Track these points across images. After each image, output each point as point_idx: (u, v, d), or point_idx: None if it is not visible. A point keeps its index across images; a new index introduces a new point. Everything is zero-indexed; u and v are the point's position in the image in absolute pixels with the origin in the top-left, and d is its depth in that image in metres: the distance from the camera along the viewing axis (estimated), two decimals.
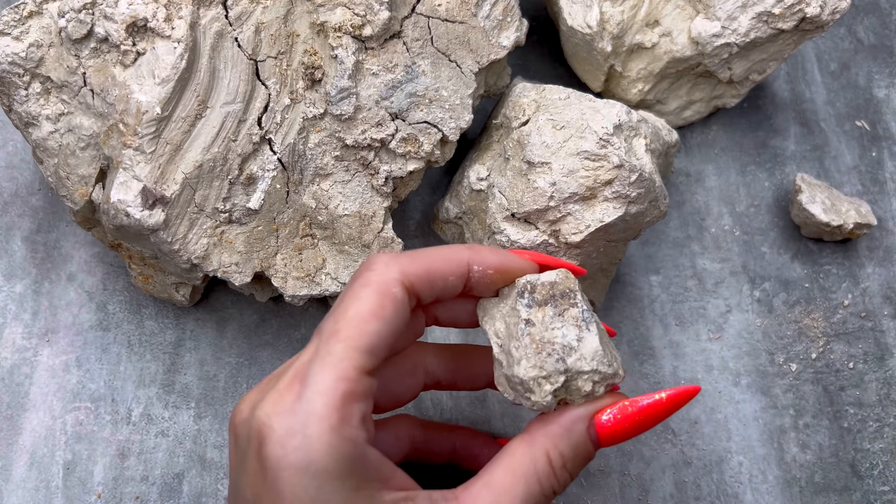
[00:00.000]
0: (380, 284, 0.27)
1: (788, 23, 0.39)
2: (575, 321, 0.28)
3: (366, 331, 0.26)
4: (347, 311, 0.27)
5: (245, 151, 0.34)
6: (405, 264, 0.28)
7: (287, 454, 0.25)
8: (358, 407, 0.26)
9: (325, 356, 0.26)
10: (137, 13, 0.32)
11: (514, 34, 0.37)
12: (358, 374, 0.26)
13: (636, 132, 0.36)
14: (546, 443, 0.28)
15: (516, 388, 0.28)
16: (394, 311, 0.27)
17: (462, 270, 0.29)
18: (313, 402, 0.25)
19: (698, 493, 0.37)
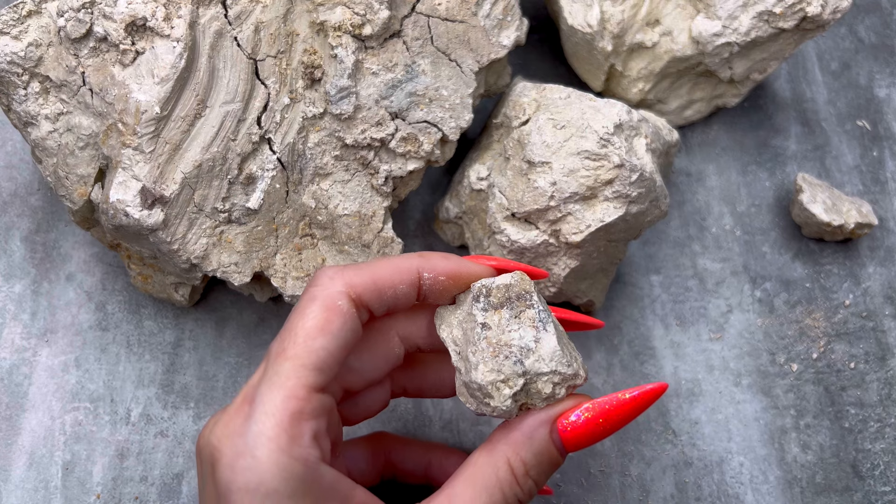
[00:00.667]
0: (325, 299, 0.27)
1: (789, 22, 0.39)
2: (532, 322, 0.28)
3: (313, 347, 0.26)
4: (294, 329, 0.26)
5: (244, 151, 0.34)
6: (350, 276, 0.28)
7: (236, 477, 0.25)
8: (308, 425, 0.25)
9: (273, 376, 0.26)
10: (136, 12, 0.32)
11: (515, 33, 0.37)
12: (307, 392, 0.25)
13: (637, 132, 0.36)
14: (507, 451, 0.28)
15: (475, 395, 0.28)
16: (341, 324, 0.27)
17: (412, 278, 0.28)
18: (261, 423, 0.25)
19: (699, 494, 0.37)
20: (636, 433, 0.38)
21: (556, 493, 0.37)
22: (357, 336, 0.27)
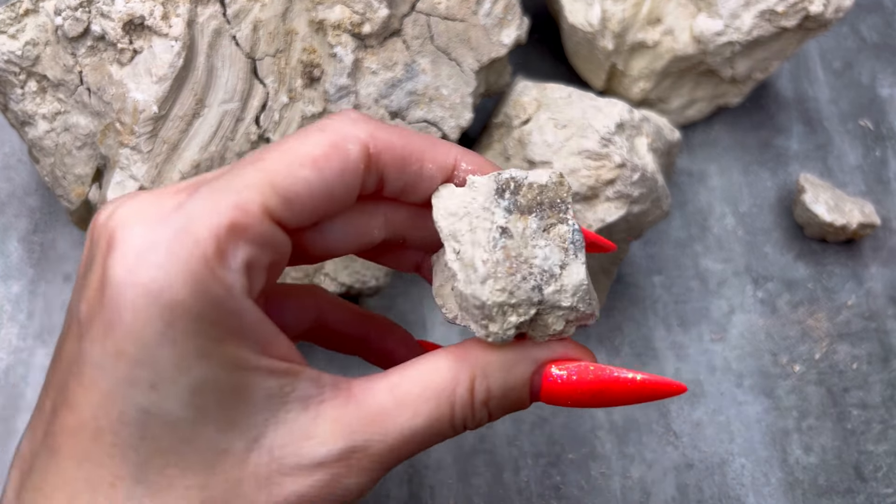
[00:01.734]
0: (335, 133, 0.22)
1: (791, 21, 0.39)
2: (562, 242, 0.23)
3: (294, 172, 0.21)
4: (284, 145, 0.22)
5: (243, 150, 0.34)
6: (377, 126, 0.23)
7: (138, 270, 0.19)
8: (245, 249, 0.20)
9: (232, 177, 0.21)
10: (134, 11, 0.32)
11: (515, 32, 0.37)
12: (260, 211, 0.20)
13: (638, 131, 0.36)
14: (477, 368, 0.23)
15: (470, 311, 0.23)
16: (339, 168, 0.22)
17: (446, 161, 0.23)
18: (193, 219, 0.20)
19: (700, 496, 0.37)
20: (637, 435, 0.38)
21: (556, 496, 0.37)
22: (348, 197, 0.23)
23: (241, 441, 0.21)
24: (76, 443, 0.20)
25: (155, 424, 0.20)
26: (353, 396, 0.22)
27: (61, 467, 0.20)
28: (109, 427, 0.20)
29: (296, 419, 0.21)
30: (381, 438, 0.22)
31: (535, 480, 0.37)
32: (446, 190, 0.24)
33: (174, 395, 0.20)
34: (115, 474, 0.20)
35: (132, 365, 0.19)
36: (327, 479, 0.21)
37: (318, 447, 0.21)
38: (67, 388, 0.20)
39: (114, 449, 0.20)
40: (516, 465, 0.37)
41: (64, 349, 0.21)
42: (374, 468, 0.22)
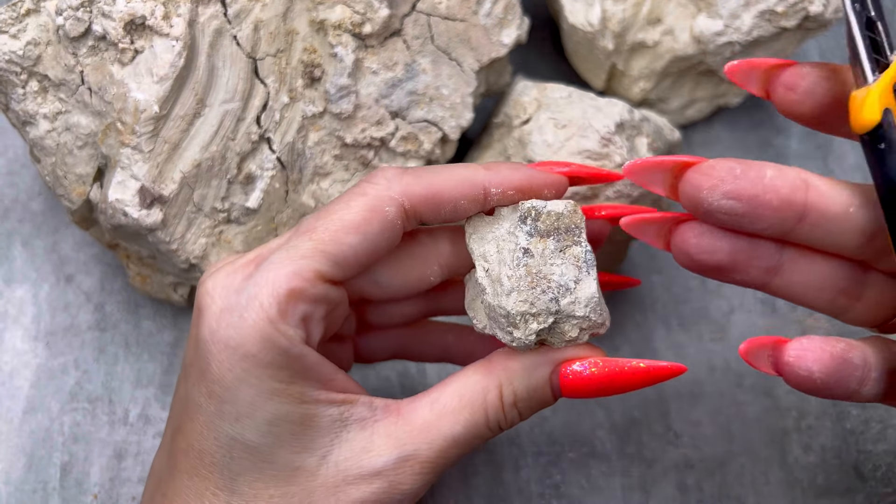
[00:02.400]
0: (374, 199, 0.26)
1: (791, 21, 0.39)
2: (576, 261, 0.26)
3: (341, 239, 0.25)
4: (331, 214, 0.26)
5: (244, 150, 0.34)
6: (409, 183, 0.26)
7: (219, 330, 0.25)
8: (303, 307, 0.25)
9: (290, 248, 0.25)
10: (135, 11, 0.32)
11: (516, 32, 0.37)
12: (314, 276, 0.25)
13: (638, 131, 0.36)
14: (503, 377, 0.27)
15: (497, 320, 0.26)
16: (379, 229, 0.26)
17: (476, 193, 0.27)
18: (259, 287, 0.25)
19: (700, 496, 0.37)
20: (637, 434, 0.38)
21: (556, 495, 0.37)
22: (391, 247, 0.27)
23: (311, 459, 0.26)
24: (187, 461, 0.26)
25: (241, 448, 0.25)
26: (401, 415, 0.27)
27: (178, 479, 0.26)
28: (207, 449, 0.25)
29: (355, 437, 0.26)
30: (428, 446, 0.26)
31: (535, 480, 0.37)
32: (477, 218, 0.28)
33: (253, 426, 0.25)
34: (216, 485, 0.25)
35: (220, 402, 0.25)
36: (385, 486, 0.26)
37: (375, 458, 0.26)
38: (180, 419, 0.26)
39: (212, 467, 0.25)
40: (516, 465, 0.37)
41: (178, 389, 0.27)
42: (424, 472, 0.26)
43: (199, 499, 0.26)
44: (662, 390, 0.39)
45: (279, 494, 0.25)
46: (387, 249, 0.27)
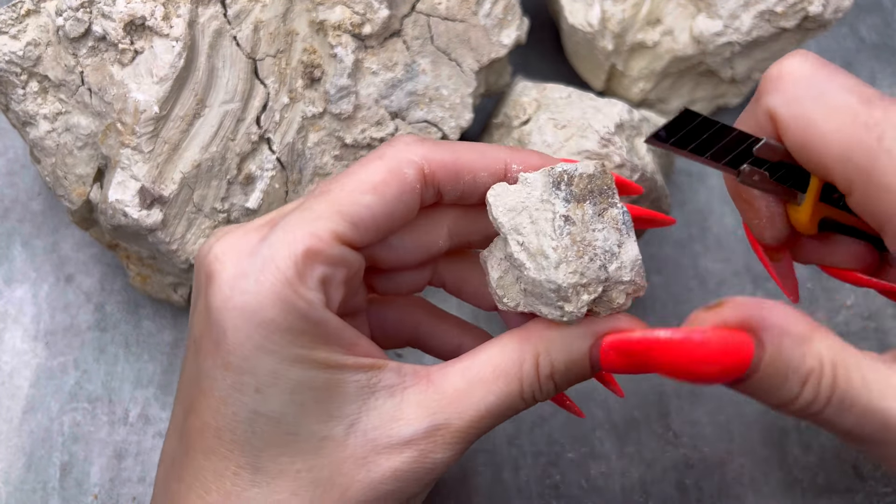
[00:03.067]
0: (393, 160, 0.25)
1: (791, 21, 0.39)
2: (615, 223, 0.25)
3: (357, 200, 0.24)
4: (348, 176, 0.25)
5: (243, 151, 0.34)
6: (429, 148, 0.25)
7: (234, 296, 0.23)
8: (321, 269, 0.24)
9: (305, 210, 0.24)
10: (135, 11, 0.32)
11: (515, 32, 0.37)
12: (331, 237, 0.24)
13: (638, 131, 0.36)
14: (540, 346, 0.25)
15: (543, 296, 0.25)
16: (397, 191, 0.25)
17: (497, 168, 0.26)
18: (275, 249, 0.23)
19: (700, 496, 0.37)
20: (636, 434, 0.38)
21: (555, 495, 0.37)
22: (409, 213, 0.26)
23: (339, 428, 0.24)
24: (202, 440, 0.24)
25: (263, 422, 0.24)
26: (431, 382, 0.25)
27: (193, 461, 0.24)
28: (226, 426, 0.24)
29: (384, 405, 0.25)
30: (459, 416, 0.25)
31: (534, 479, 0.37)
32: (500, 187, 0.26)
33: (276, 396, 0.23)
34: (237, 464, 0.24)
35: (238, 373, 0.23)
36: (416, 455, 0.25)
37: (405, 427, 0.25)
38: (191, 397, 0.25)
39: (232, 444, 0.24)
40: (516, 465, 0.37)
41: (185, 366, 0.26)
42: (456, 443, 0.25)
43: (219, 479, 0.24)
44: (662, 390, 0.39)
45: (306, 468, 0.24)
46: (405, 215, 0.25)
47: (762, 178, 0.26)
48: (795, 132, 0.24)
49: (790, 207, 0.27)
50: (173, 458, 0.26)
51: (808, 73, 0.24)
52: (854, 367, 0.23)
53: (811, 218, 0.26)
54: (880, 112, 0.23)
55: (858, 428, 0.23)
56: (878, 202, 0.23)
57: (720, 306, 0.23)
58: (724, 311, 0.23)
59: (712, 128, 0.25)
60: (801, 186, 0.26)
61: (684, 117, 0.25)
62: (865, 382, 0.23)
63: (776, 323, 0.23)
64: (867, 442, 0.24)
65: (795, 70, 0.24)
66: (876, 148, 0.22)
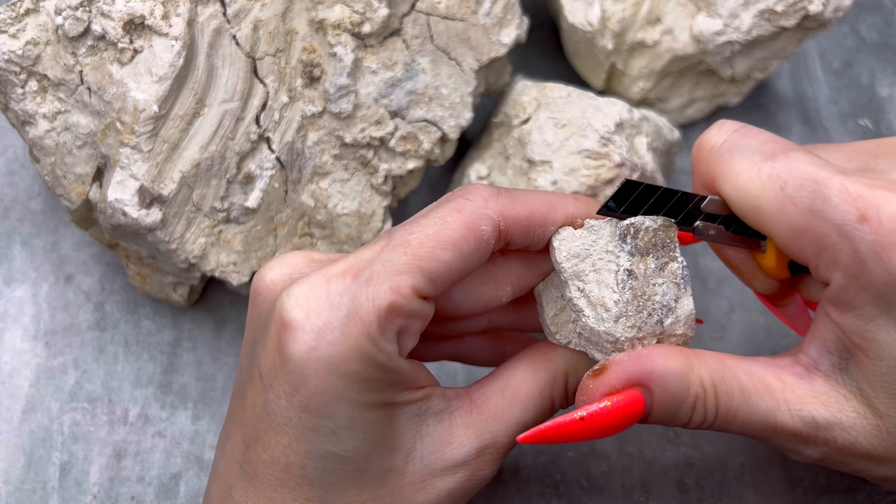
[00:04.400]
0: (472, 216, 0.26)
1: (791, 20, 0.39)
2: (674, 278, 0.26)
3: (437, 256, 0.25)
4: (427, 228, 0.25)
5: (243, 150, 0.34)
6: (506, 204, 0.26)
7: (319, 347, 0.24)
8: (400, 322, 0.25)
9: (388, 262, 0.25)
10: (135, 10, 0.32)
11: (515, 32, 0.37)
12: (411, 292, 0.25)
13: (638, 130, 0.36)
14: (570, 366, 0.28)
15: (598, 343, 0.26)
16: (475, 248, 0.26)
17: (564, 221, 0.27)
18: (360, 303, 0.24)
19: (701, 495, 0.37)
20: (637, 433, 0.38)
21: (555, 495, 0.37)
22: (480, 263, 0.27)
23: (399, 458, 0.26)
24: (271, 472, 0.25)
25: (335, 460, 0.25)
26: (474, 403, 0.27)
27: (259, 491, 0.26)
28: (298, 462, 0.25)
29: (435, 430, 0.27)
30: (504, 433, 0.27)
31: (534, 479, 0.37)
32: (566, 232, 0.27)
33: (350, 438, 0.25)
34: (306, 496, 0.25)
35: (316, 417, 0.25)
36: (469, 474, 0.27)
37: (457, 450, 0.27)
38: (259, 430, 0.26)
39: (301, 479, 0.25)
40: (516, 464, 0.37)
41: (248, 394, 0.27)
42: (500, 457, 0.28)
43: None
44: None
45: (370, 498, 0.26)
46: (476, 266, 0.26)
47: (718, 232, 0.27)
48: (721, 192, 0.27)
49: (757, 256, 0.28)
50: (231, 485, 0.27)
51: (721, 140, 0.27)
52: (731, 380, 0.26)
53: (777, 262, 0.27)
54: (781, 164, 0.25)
55: (746, 430, 0.26)
56: (794, 243, 0.25)
57: (604, 371, 0.26)
58: (610, 377, 0.26)
59: (657, 192, 0.26)
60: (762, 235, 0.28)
61: (627, 187, 0.26)
62: (743, 391, 0.26)
63: (656, 369, 0.25)
64: (758, 438, 0.27)
65: (711, 139, 0.27)
66: (781, 196, 0.25)
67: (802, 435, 0.26)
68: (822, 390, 0.26)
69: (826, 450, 0.26)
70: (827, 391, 0.26)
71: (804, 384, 0.26)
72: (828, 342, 0.26)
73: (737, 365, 0.26)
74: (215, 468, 0.28)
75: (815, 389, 0.26)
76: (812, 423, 0.25)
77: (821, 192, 0.24)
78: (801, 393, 0.26)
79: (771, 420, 0.26)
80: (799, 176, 0.25)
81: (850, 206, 0.24)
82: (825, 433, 0.25)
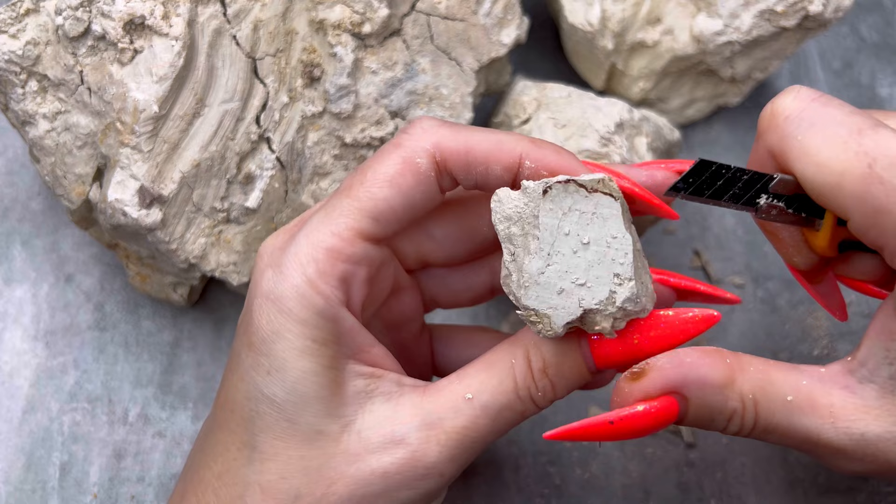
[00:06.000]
0: (407, 149, 0.26)
1: (791, 20, 0.39)
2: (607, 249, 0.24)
3: (375, 194, 0.25)
4: (366, 170, 0.26)
5: (243, 150, 0.34)
6: (443, 136, 0.26)
7: (262, 284, 0.25)
8: (342, 267, 0.25)
9: (328, 208, 0.26)
10: (135, 11, 0.32)
11: (515, 32, 0.37)
12: (352, 234, 0.25)
13: (638, 130, 0.36)
14: (529, 343, 0.26)
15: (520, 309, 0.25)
16: (413, 182, 0.25)
17: (511, 161, 0.26)
18: (299, 247, 0.25)
19: (701, 495, 0.37)
20: None
21: (555, 495, 0.37)
22: (432, 201, 0.26)
23: (334, 425, 0.25)
24: (222, 414, 0.26)
25: (266, 404, 0.25)
26: (427, 390, 0.26)
27: (213, 433, 0.27)
28: (238, 402, 0.26)
29: (380, 409, 0.26)
30: (454, 414, 0.25)
31: (534, 479, 0.37)
32: (503, 193, 0.25)
33: (281, 382, 0.25)
34: (241, 440, 0.26)
35: (256, 354, 0.25)
36: (408, 455, 0.25)
37: (398, 426, 0.25)
38: (224, 374, 0.27)
39: (240, 420, 0.26)
40: (516, 464, 0.37)
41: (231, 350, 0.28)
42: (450, 444, 0.25)
43: (225, 452, 0.26)
44: None
45: (298, 455, 0.25)
46: (424, 203, 0.26)
47: (780, 211, 0.26)
48: (794, 167, 0.25)
49: (810, 234, 0.28)
50: (206, 431, 0.28)
51: (799, 109, 0.25)
52: (775, 396, 0.25)
53: (830, 242, 0.27)
54: (870, 140, 0.23)
55: (785, 442, 0.26)
56: (874, 225, 0.24)
57: (643, 376, 0.24)
58: (647, 384, 0.24)
59: (727, 173, 0.26)
60: (819, 213, 0.27)
61: (700, 167, 0.25)
62: (786, 408, 0.25)
63: (696, 378, 0.24)
64: (799, 450, 0.26)
65: (787, 107, 0.25)
66: (868, 174, 0.23)
67: (849, 452, 0.25)
68: (875, 404, 0.25)
69: (872, 466, 0.25)
70: (881, 404, 0.24)
71: (855, 399, 0.25)
72: (889, 350, 0.24)
73: (784, 379, 0.25)
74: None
75: (868, 403, 0.25)
76: (861, 439, 0.24)
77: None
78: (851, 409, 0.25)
79: (814, 436, 0.25)
80: (891, 154, 0.23)
81: None
82: (874, 448, 0.24)
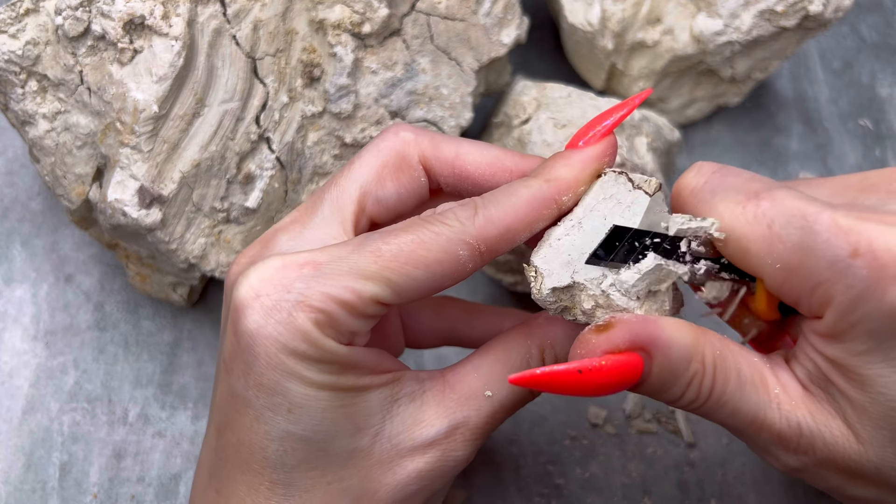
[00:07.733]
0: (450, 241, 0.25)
1: (791, 20, 0.39)
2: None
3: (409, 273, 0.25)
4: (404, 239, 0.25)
5: (243, 150, 0.34)
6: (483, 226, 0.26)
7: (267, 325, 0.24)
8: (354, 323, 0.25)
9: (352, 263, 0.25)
10: (135, 11, 0.32)
11: (515, 32, 0.37)
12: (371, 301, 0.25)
13: (638, 130, 0.36)
14: (544, 340, 0.27)
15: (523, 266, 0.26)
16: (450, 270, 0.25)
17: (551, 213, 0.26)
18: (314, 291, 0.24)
19: (701, 495, 0.37)
20: (638, 433, 0.38)
21: (555, 495, 0.37)
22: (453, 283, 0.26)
23: (364, 439, 0.26)
24: (238, 456, 0.26)
25: (295, 440, 0.25)
26: (447, 384, 0.27)
27: (229, 474, 0.26)
28: (259, 443, 0.25)
29: (406, 411, 0.26)
30: (477, 413, 0.27)
31: (534, 479, 0.37)
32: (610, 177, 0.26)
33: (308, 417, 0.25)
34: (271, 479, 0.25)
35: (270, 394, 0.24)
36: (439, 455, 0.26)
37: (427, 429, 0.26)
38: (226, 414, 0.26)
39: (265, 461, 0.25)
40: (516, 464, 0.37)
41: (218, 382, 0.27)
42: (475, 439, 0.27)
43: (253, 493, 0.25)
44: None
45: (336, 480, 0.25)
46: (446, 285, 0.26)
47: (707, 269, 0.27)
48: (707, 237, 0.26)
49: (749, 299, 0.28)
50: (210, 471, 0.27)
51: (701, 183, 0.26)
52: (732, 365, 0.25)
53: (768, 304, 0.27)
54: (766, 202, 0.24)
55: (732, 421, 0.26)
56: (784, 282, 0.25)
57: (609, 327, 0.25)
58: (614, 335, 0.24)
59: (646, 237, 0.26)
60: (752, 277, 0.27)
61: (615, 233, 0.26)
62: (740, 379, 0.25)
63: (663, 336, 0.24)
64: (741, 434, 0.26)
65: (690, 183, 0.26)
66: (768, 234, 0.24)
67: (785, 438, 0.25)
68: (811, 400, 0.25)
69: (805, 459, 0.25)
70: (816, 403, 0.25)
71: (798, 387, 0.26)
72: (810, 371, 0.25)
73: (739, 351, 0.26)
74: (199, 458, 0.29)
75: (806, 398, 0.26)
76: (797, 428, 0.25)
77: (810, 227, 0.23)
78: (793, 395, 0.25)
79: (760, 415, 0.25)
80: (786, 213, 0.24)
81: (842, 241, 0.23)
82: (807, 442, 0.25)
